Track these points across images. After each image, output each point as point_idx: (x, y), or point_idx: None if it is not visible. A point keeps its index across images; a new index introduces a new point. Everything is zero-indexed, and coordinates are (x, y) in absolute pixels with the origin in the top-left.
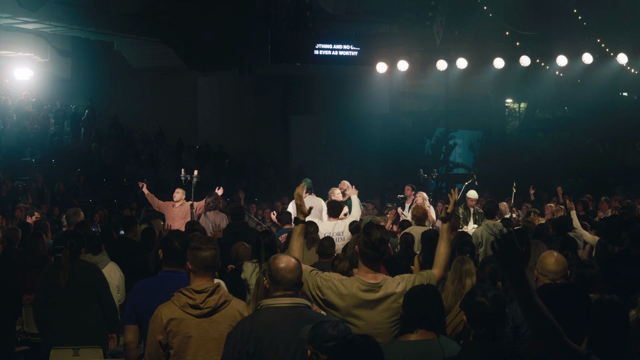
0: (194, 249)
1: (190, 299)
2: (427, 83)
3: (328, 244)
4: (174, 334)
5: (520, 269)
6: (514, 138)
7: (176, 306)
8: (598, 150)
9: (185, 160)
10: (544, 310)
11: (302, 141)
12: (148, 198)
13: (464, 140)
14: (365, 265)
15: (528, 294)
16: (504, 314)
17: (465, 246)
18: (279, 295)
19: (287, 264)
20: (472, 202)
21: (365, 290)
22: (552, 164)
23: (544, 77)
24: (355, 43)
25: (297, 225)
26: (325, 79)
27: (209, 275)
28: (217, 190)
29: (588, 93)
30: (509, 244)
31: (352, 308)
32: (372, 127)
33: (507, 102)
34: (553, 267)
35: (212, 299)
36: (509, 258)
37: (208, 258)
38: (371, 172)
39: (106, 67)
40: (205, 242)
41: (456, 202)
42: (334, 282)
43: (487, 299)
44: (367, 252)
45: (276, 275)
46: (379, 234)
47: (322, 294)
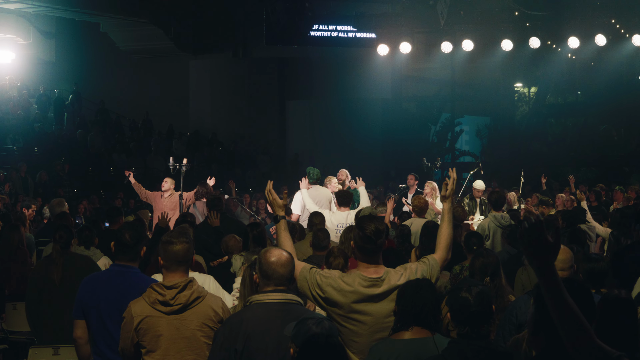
0: (165, 243)
1: (160, 295)
2: (431, 66)
3: (322, 236)
4: (144, 332)
5: (549, 262)
6: (524, 124)
7: (146, 303)
8: (612, 136)
9: (176, 148)
10: (574, 307)
11: (300, 128)
12: (135, 188)
13: (470, 127)
14: (363, 260)
15: (557, 289)
16: (490, 311)
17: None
18: (269, 290)
19: (279, 258)
20: (478, 192)
21: (367, 285)
22: (564, 151)
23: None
24: (355, 24)
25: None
26: (323, 62)
27: (181, 270)
28: (208, 180)
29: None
30: (537, 234)
31: (355, 304)
32: (373, 113)
33: (516, 87)
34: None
35: (182, 295)
36: (537, 250)
37: (179, 252)
38: (372, 160)
39: (92, 50)
40: (177, 235)
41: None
42: (334, 279)
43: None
44: (364, 246)
45: (267, 270)
46: (373, 226)
47: (323, 291)
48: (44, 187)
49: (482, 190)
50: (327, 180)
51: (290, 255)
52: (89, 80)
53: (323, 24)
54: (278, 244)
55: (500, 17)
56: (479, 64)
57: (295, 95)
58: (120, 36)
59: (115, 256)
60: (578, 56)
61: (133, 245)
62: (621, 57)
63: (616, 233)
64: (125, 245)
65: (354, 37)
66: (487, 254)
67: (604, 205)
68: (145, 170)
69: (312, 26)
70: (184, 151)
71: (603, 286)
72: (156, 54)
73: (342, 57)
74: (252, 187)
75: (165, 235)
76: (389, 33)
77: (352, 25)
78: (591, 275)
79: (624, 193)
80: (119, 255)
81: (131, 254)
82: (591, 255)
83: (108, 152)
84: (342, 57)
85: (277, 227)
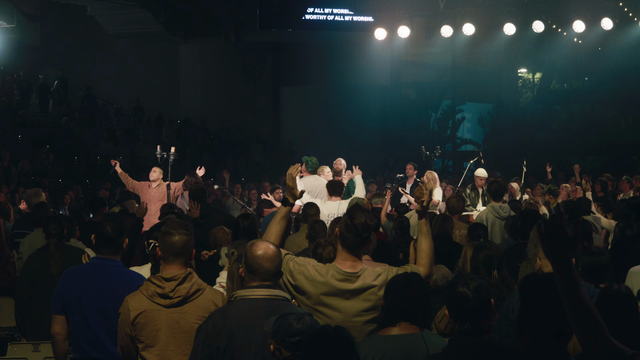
0: (164, 234)
1: (159, 288)
2: (431, 51)
3: (319, 228)
4: (142, 326)
5: (567, 257)
6: (528, 111)
7: (144, 296)
8: (621, 124)
9: (165, 136)
10: (589, 305)
11: (294, 115)
12: (121, 177)
13: (473, 114)
14: (344, 250)
15: (573, 286)
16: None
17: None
18: (255, 285)
19: (266, 252)
20: (481, 181)
21: (340, 279)
22: (570, 139)
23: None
24: (351, 7)
25: (282, 207)
26: (319, 47)
27: (179, 262)
28: (198, 170)
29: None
30: (557, 226)
31: (324, 296)
32: (371, 100)
33: (520, 72)
34: None
35: (182, 287)
36: (556, 243)
37: (177, 244)
38: (370, 149)
39: (78, 34)
40: (176, 226)
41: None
42: (307, 267)
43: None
44: (347, 236)
45: (253, 264)
46: (363, 218)
47: (294, 279)
48: (27, 176)
49: (485, 179)
50: (320, 170)
51: (277, 249)
52: (74, 65)
53: (319, 7)
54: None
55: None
56: (481, 48)
57: (290, 81)
58: (108, 20)
59: (97, 249)
60: (584, 40)
61: (115, 237)
62: (629, 41)
63: (622, 225)
64: (107, 237)
65: (351, 20)
66: (491, 246)
67: (611, 195)
68: (133, 159)
69: (306, 9)
70: (174, 139)
71: (603, 281)
72: (145, 39)
73: (339, 41)
74: (244, 177)
75: (164, 226)
76: (386, 16)
77: (348, 9)
78: (590, 269)
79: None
80: (101, 248)
81: (113, 247)
82: (591, 248)
83: (94, 140)
84: (338, 42)
85: (279, 212)
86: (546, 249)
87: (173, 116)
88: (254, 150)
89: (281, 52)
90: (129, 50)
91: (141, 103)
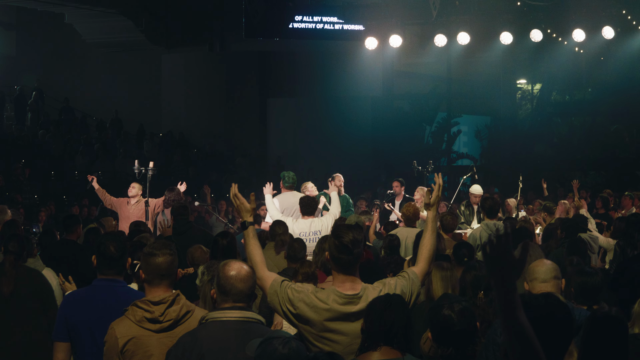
0: (147, 255)
1: (148, 312)
2: (426, 61)
3: (299, 247)
4: (132, 353)
5: (510, 280)
6: (527, 124)
7: (132, 322)
8: (624, 138)
9: (147, 150)
10: (529, 333)
11: (282, 128)
12: (99, 194)
13: (469, 127)
14: (340, 272)
15: (513, 310)
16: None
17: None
18: (227, 307)
19: (239, 272)
20: (475, 198)
21: (343, 303)
22: (571, 153)
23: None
24: (341, 15)
25: (246, 229)
26: (308, 56)
27: (165, 284)
28: (179, 185)
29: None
30: (502, 247)
31: (329, 322)
32: (362, 112)
33: (519, 83)
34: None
35: (172, 310)
36: (499, 264)
37: (162, 265)
38: (361, 164)
39: (56, 43)
40: (160, 246)
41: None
42: (307, 294)
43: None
44: (340, 257)
45: (225, 284)
46: (351, 235)
47: (294, 307)
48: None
49: (480, 195)
50: (303, 186)
51: (251, 270)
52: (52, 75)
53: (307, 15)
54: (246, 253)
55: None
56: (477, 58)
57: (278, 92)
58: (87, 28)
59: (100, 270)
60: (585, 50)
61: (119, 257)
62: (632, 51)
63: (622, 244)
64: (110, 257)
65: (341, 29)
66: (480, 267)
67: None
68: (113, 174)
69: (294, 17)
70: (156, 153)
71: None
72: (126, 48)
73: (328, 51)
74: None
75: (147, 246)
76: (377, 25)
77: (337, 17)
78: (584, 290)
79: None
80: (104, 268)
81: (117, 267)
82: (584, 268)
83: (72, 154)
84: (328, 51)
85: (246, 235)
86: (490, 271)
87: (155, 129)
88: (240, 165)
89: (268, 62)
90: (108, 60)
91: (121, 115)
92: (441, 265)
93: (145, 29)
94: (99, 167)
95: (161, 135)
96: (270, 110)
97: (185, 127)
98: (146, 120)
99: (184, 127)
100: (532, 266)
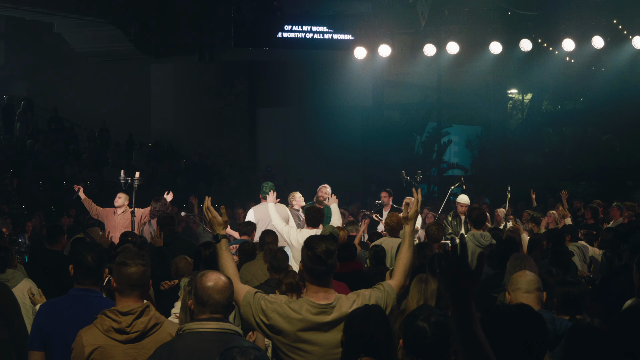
0: (119, 265)
1: (115, 322)
2: (416, 71)
3: (282, 257)
4: None
5: (466, 292)
6: (518, 134)
7: (99, 331)
8: (615, 147)
9: (136, 160)
10: (484, 347)
11: (271, 138)
12: (85, 204)
13: (460, 137)
14: (313, 283)
15: (468, 324)
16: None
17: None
18: (204, 318)
19: (216, 283)
20: (462, 208)
21: (316, 313)
22: (562, 163)
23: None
24: (330, 24)
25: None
26: (298, 66)
27: (136, 294)
28: (166, 195)
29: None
30: (457, 259)
31: (302, 332)
32: (352, 122)
33: (510, 93)
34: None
35: (140, 321)
36: (456, 277)
37: (134, 275)
38: (351, 174)
39: (45, 52)
40: (132, 256)
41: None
42: (280, 304)
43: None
44: (314, 268)
45: (202, 295)
46: (324, 246)
47: (268, 318)
48: None
49: (467, 205)
50: (290, 196)
51: (229, 280)
52: (41, 85)
53: (296, 25)
54: (219, 266)
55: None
56: (468, 68)
57: (267, 102)
58: (76, 37)
59: (76, 280)
60: (576, 59)
61: (96, 267)
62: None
63: (609, 254)
64: (87, 268)
65: (330, 39)
66: None
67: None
68: (101, 184)
69: (282, 27)
70: (145, 163)
71: (580, 312)
72: (115, 57)
73: (319, 60)
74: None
75: (119, 256)
76: (366, 34)
77: (327, 26)
78: (566, 300)
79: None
80: (81, 279)
81: (94, 277)
82: (567, 278)
83: (61, 164)
84: (318, 61)
85: (218, 248)
86: (445, 282)
87: (144, 139)
88: (229, 175)
89: (258, 72)
90: (97, 69)
91: (110, 125)
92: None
93: (134, 38)
94: (87, 177)
95: (150, 145)
96: (260, 120)
97: (174, 136)
98: (135, 130)
99: (173, 137)
100: (516, 277)
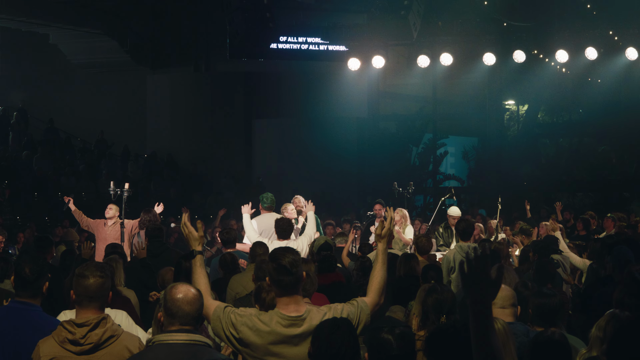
0: (78, 276)
1: (70, 334)
2: (411, 82)
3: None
4: None
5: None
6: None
7: (55, 342)
8: (611, 159)
9: (132, 171)
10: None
11: (267, 149)
12: (75, 215)
13: (457, 148)
14: (282, 295)
15: (486, 331)
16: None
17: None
18: (174, 330)
19: (186, 294)
20: (453, 220)
21: (286, 325)
22: (558, 175)
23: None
24: (324, 35)
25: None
26: (293, 77)
27: (94, 306)
28: (156, 207)
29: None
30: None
31: (272, 346)
32: (347, 133)
33: (507, 104)
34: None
35: (94, 333)
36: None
37: (91, 287)
38: (347, 185)
39: (40, 63)
40: (91, 268)
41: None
42: (250, 317)
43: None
44: (281, 279)
45: (172, 307)
46: (289, 257)
47: (237, 331)
48: None
49: (458, 217)
50: (283, 208)
51: (199, 292)
52: (36, 96)
53: (291, 36)
54: (192, 281)
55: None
56: (463, 79)
57: (263, 113)
58: (71, 48)
59: (16, 292)
60: (571, 70)
61: (33, 280)
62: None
63: (595, 266)
64: (24, 279)
65: (325, 50)
66: (442, 290)
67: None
68: (97, 195)
69: (277, 38)
70: (140, 174)
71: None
72: (111, 68)
73: (314, 71)
74: (212, 215)
75: (79, 267)
76: (360, 46)
77: (321, 37)
78: (541, 312)
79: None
80: (19, 290)
81: (31, 290)
82: (542, 290)
83: (56, 175)
84: (313, 72)
85: (193, 263)
86: (466, 290)
87: (140, 150)
88: (224, 186)
89: (253, 83)
90: (93, 80)
91: (106, 136)
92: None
93: (130, 49)
94: (82, 188)
95: (146, 156)
96: (255, 131)
97: (170, 147)
98: (131, 141)
99: (169, 148)
100: None
